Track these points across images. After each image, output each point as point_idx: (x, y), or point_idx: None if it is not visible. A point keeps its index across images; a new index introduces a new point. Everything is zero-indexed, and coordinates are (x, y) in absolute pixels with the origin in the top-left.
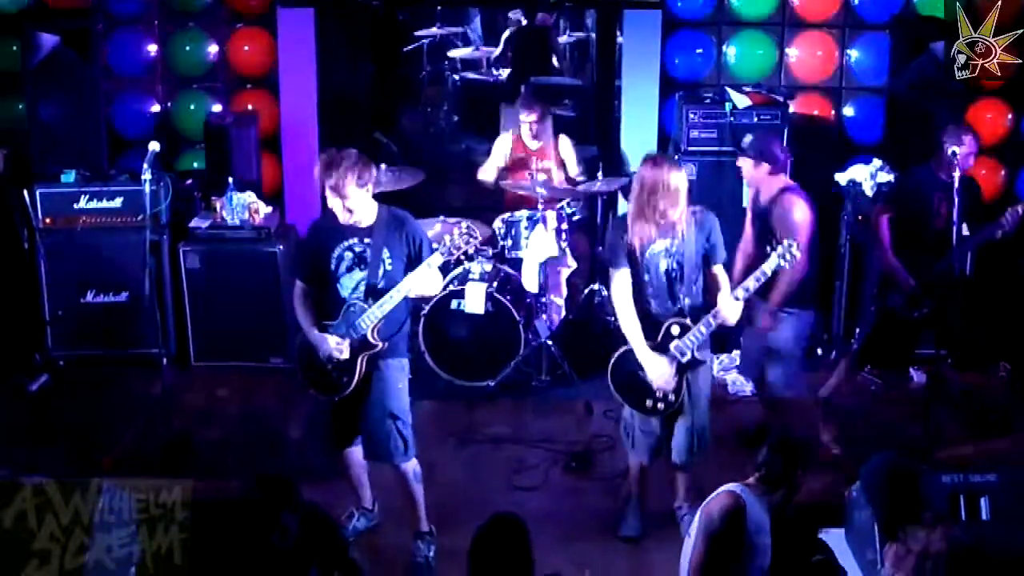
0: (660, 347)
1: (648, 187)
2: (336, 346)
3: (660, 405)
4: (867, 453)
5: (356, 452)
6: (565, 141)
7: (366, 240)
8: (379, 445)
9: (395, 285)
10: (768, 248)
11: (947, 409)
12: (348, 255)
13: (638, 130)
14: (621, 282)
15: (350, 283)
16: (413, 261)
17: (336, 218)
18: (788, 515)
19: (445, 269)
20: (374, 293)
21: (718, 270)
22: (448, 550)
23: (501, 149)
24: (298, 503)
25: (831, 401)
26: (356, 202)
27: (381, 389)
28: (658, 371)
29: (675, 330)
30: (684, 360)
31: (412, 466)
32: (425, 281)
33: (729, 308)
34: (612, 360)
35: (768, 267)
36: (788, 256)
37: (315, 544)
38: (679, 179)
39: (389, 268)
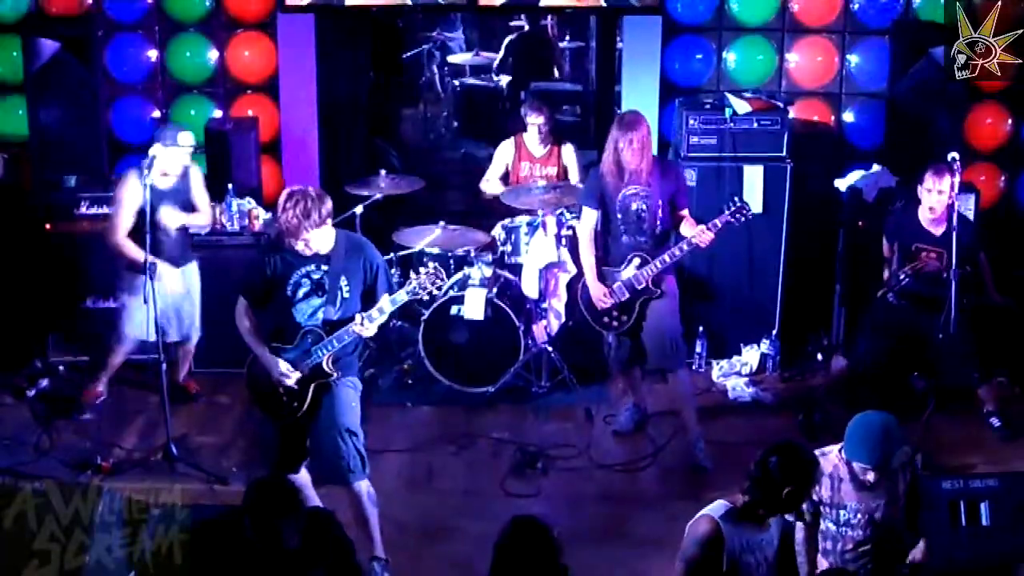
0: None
1: (616, 141)
2: (286, 371)
3: (614, 323)
4: None
5: (302, 476)
6: (569, 149)
7: (324, 268)
8: (333, 465)
9: (350, 315)
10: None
11: (948, 414)
12: (306, 282)
13: None
14: (587, 219)
15: (307, 309)
16: (370, 289)
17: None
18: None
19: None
20: (331, 322)
21: (684, 213)
22: (446, 557)
23: (502, 157)
24: (294, 502)
25: (826, 407)
26: (313, 240)
27: (333, 406)
28: (595, 291)
29: (636, 261)
30: (640, 288)
31: (367, 487)
32: (380, 318)
33: (699, 235)
34: (580, 283)
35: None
36: (740, 214)
37: (322, 548)
38: (643, 134)
39: (347, 296)
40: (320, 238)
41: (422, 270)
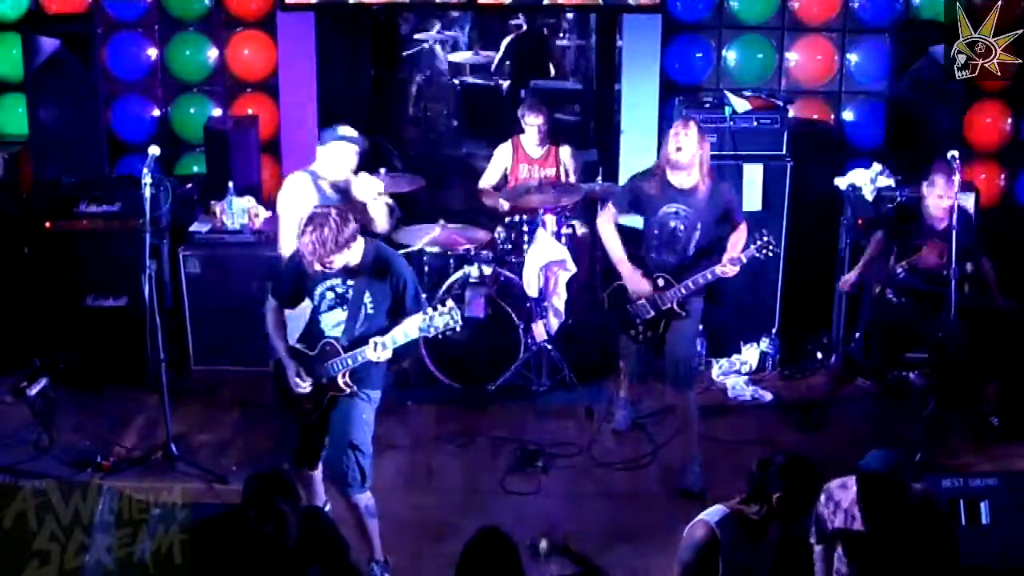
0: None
1: (673, 127)
2: (296, 376)
3: (640, 337)
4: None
5: (317, 474)
6: (566, 151)
7: (349, 282)
8: (336, 473)
9: (373, 330)
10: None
11: (947, 413)
12: (330, 295)
13: (638, 134)
14: (607, 214)
15: (331, 321)
16: (397, 304)
17: None
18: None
19: (444, 271)
20: (352, 336)
21: (741, 227)
22: (446, 555)
23: (501, 159)
24: (293, 492)
25: (826, 408)
26: (336, 262)
27: (344, 419)
28: (635, 284)
29: (660, 282)
30: (664, 308)
31: (366, 499)
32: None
33: (724, 267)
34: (608, 289)
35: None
36: (765, 250)
37: (316, 546)
38: (693, 148)
39: (371, 312)
40: (344, 258)
41: (439, 307)
